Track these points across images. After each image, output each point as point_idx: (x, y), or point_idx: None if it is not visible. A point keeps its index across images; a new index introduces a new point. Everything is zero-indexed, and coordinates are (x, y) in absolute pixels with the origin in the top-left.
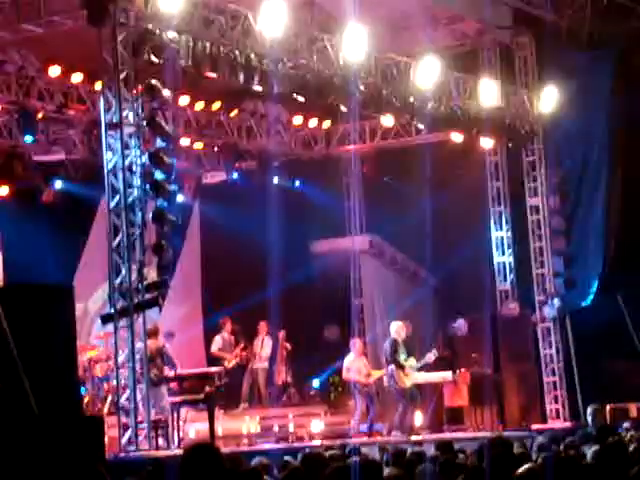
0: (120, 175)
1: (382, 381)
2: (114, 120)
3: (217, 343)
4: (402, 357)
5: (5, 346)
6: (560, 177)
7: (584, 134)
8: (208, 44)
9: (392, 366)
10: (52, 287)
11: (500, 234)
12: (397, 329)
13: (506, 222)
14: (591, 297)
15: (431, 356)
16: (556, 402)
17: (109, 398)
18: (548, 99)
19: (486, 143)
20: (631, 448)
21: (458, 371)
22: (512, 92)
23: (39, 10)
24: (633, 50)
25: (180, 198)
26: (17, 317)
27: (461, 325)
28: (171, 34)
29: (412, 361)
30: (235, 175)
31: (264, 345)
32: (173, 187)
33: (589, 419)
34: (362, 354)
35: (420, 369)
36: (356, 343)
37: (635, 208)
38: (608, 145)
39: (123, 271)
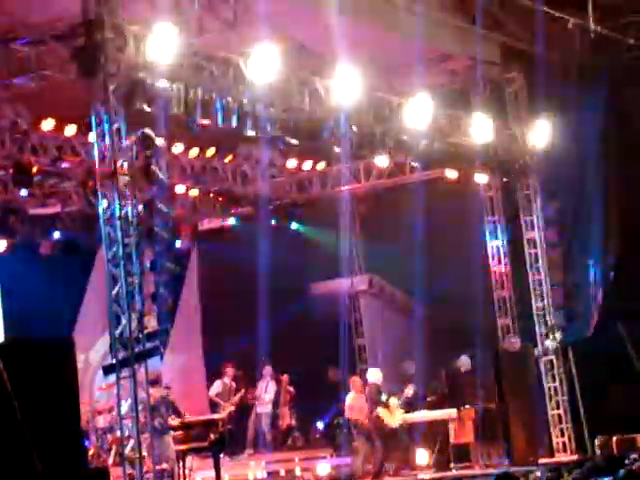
0: (117, 225)
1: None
2: (109, 170)
3: (217, 388)
4: (384, 397)
5: (6, 401)
6: (555, 210)
7: (578, 167)
8: (200, 91)
9: (378, 409)
10: (53, 340)
11: (498, 268)
12: (374, 374)
13: (504, 256)
14: (592, 328)
15: (409, 391)
16: (562, 435)
17: (114, 449)
18: (541, 133)
19: (481, 178)
20: None
21: (463, 408)
22: (504, 127)
23: (30, 64)
24: (623, 82)
25: (177, 244)
26: (18, 372)
27: (464, 361)
28: (163, 83)
29: (394, 400)
30: (231, 220)
31: (268, 389)
32: (170, 235)
33: (597, 451)
34: (361, 392)
35: (401, 405)
36: (355, 381)
37: (632, 238)
38: (602, 177)
39: (123, 321)
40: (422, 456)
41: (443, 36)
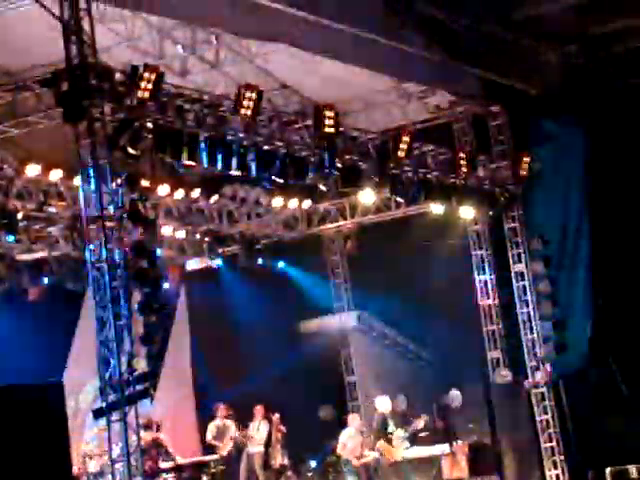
0: (104, 268)
1: (379, 460)
2: (94, 214)
3: (211, 431)
4: (390, 429)
5: None
6: (542, 242)
7: (562, 198)
8: (185, 133)
9: (380, 442)
10: (41, 385)
11: (487, 302)
12: (383, 403)
13: (492, 289)
14: (583, 360)
15: (419, 422)
16: (555, 468)
17: None
18: (524, 166)
19: (466, 212)
20: None
21: (455, 443)
22: (488, 161)
23: (14, 110)
24: (605, 114)
25: (165, 286)
26: (8, 419)
27: (455, 396)
28: (147, 125)
29: (400, 432)
30: (219, 261)
31: (260, 429)
32: (157, 276)
33: None
34: (359, 431)
35: (410, 437)
36: (355, 419)
37: (619, 268)
38: (586, 206)
39: (112, 364)
40: None
41: (426, 72)
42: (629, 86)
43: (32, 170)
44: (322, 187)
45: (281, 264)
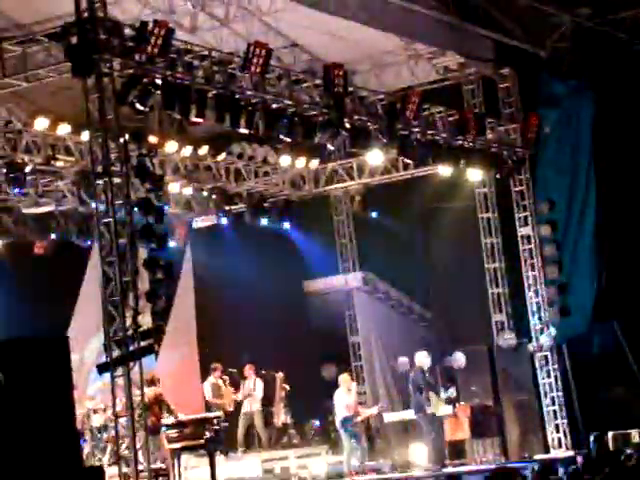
0: (110, 224)
1: (380, 417)
2: (102, 169)
3: (208, 390)
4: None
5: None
6: (549, 206)
7: (570, 162)
8: (193, 90)
9: (425, 394)
10: (46, 339)
11: (493, 265)
12: (421, 359)
13: (498, 253)
14: (587, 324)
15: (452, 392)
16: (557, 431)
17: (109, 448)
18: (533, 129)
19: (474, 175)
20: None
21: (458, 404)
22: (497, 123)
23: (24, 64)
24: (614, 78)
25: (171, 244)
26: (13, 371)
27: (458, 358)
28: (156, 81)
29: (433, 395)
30: (225, 219)
31: (256, 387)
32: (164, 232)
33: (592, 447)
34: (351, 389)
35: (447, 401)
36: (344, 379)
37: (624, 235)
38: (594, 172)
39: (117, 320)
40: (418, 451)
41: (436, 33)
42: (638, 51)
43: (40, 124)
44: (330, 147)
45: (287, 225)
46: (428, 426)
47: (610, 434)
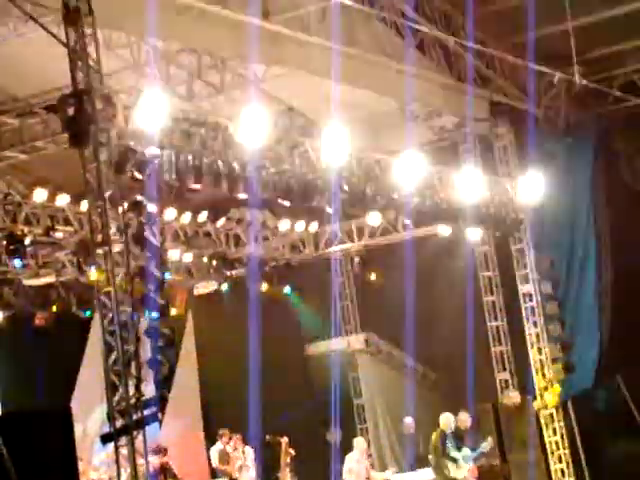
0: (111, 293)
1: None
2: (101, 238)
3: (215, 457)
4: (451, 450)
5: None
6: (549, 263)
7: (569, 218)
8: (190, 157)
9: (442, 459)
10: (49, 411)
11: (495, 323)
12: (445, 421)
13: (500, 311)
14: (591, 380)
15: (486, 445)
16: None
17: None
18: (531, 187)
19: (473, 234)
20: None
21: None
22: (494, 182)
23: (20, 136)
24: (611, 134)
25: (173, 312)
26: (16, 445)
27: (463, 418)
28: (153, 150)
29: (466, 451)
30: (225, 285)
31: (247, 456)
32: (164, 300)
33: None
34: (366, 454)
35: (476, 459)
36: (359, 442)
37: (626, 288)
38: (593, 228)
39: (120, 389)
40: None
41: (432, 94)
42: (632, 107)
43: (39, 195)
44: (328, 209)
45: (287, 289)
46: None
47: None
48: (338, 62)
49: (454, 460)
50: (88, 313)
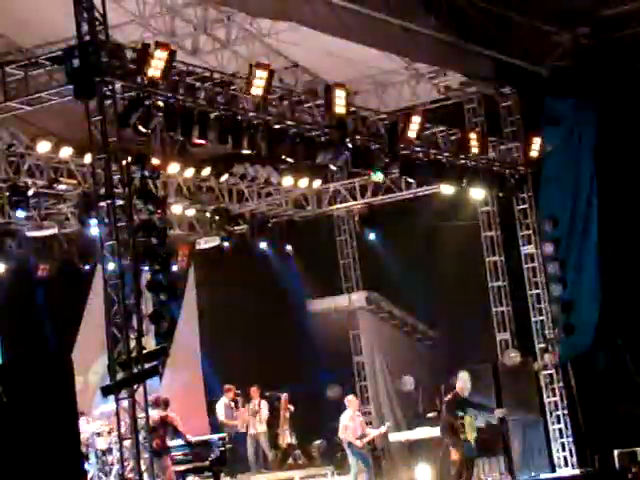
0: (113, 245)
1: (386, 437)
2: (104, 192)
3: (220, 411)
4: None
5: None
6: (552, 224)
7: (572, 180)
8: (195, 111)
9: (459, 422)
10: (50, 358)
11: (497, 283)
12: (462, 384)
13: (502, 271)
14: (591, 342)
15: (499, 414)
16: (563, 450)
17: (114, 471)
18: (535, 147)
19: (477, 194)
20: None
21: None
22: (499, 142)
23: (26, 87)
24: (615, 97)
25: (175, 266)
26: (17, 393)
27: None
28: (158, 103)
29: (472, 411)
30: (228, 241)
31: (261, 409)
32: (167, 253)
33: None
34: (358, 410)
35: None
36: (351, 400)
37: (626, 252)
38: (596, 189)
39: (121, 342)
40: (424, 472)
41: (437, 53)
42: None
43: (43, 147)
44: (332, 167)
45: (289, 247)
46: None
47: (616, 452)
48: (343, 18)
49: (469, 423)
50: (90, 266)
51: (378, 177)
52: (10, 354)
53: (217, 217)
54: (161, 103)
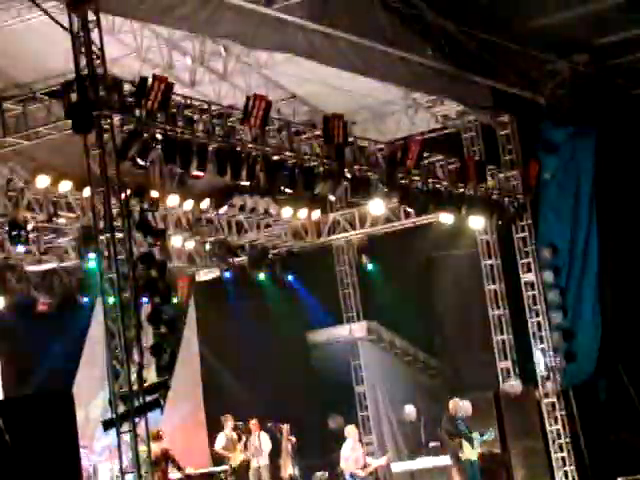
0: (113, 279)
1: (387, 467)
2: (104, 225)
3: (220, 441)
4: (465, 431)
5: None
6: (551, 252)
7: (571, 208)
8: (194, 143)
9: (456, 441)
10: (51, 395)
11: (497, 312)
12: (454, 405)
13: (502, 299)
14: (592, 369)
15: (490, 434)
16: (566, 478)
17: None
18: (533, 175)
19: (476, 222)
20: None
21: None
22: (497, 170)
23: (24, 122)
24: (613, 124)
25: (175, 299)
26: (19, 429)
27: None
28: (156, 136)
29: (476, 434)
30: (228, 272)
31: (262, 441)
32: (167, 286)
33: None
34: (359, 441)
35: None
36: (350, 430)
37: (628, 277)
38: (595, 217)
39: (122, 375)
40: None
41: (435, 82)
42: (637, 96)
43: (42, 181)
44: (331, 197)
45: (290, 277)
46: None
47: None
48: (341, 49)
49: (470, 440)
50: (90, 299)
51: (489, 436)
52: (11, 389)
53: (217, 249)
54: (159, 136)
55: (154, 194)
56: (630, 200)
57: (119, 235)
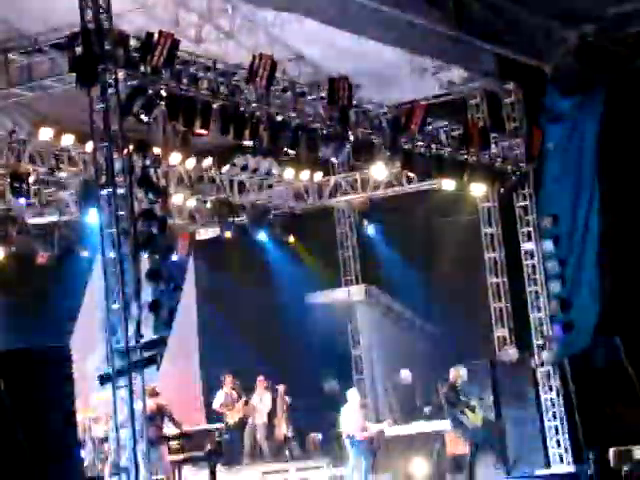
0: (113, 234)
1: (383, 432)
2: (105, 180)
3: (219, 399)
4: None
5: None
6: (552, 221)
7: (573, 177)
8: (198, 101)
9: (458, 408)
10: (48, 349)
11: (495, 280)
12: (455, 374)
13: (501, 268)
14: (589, 340)
15: (489, 398)
16: (559, 446)
17: (109, 459)
18: (537, 144)
19: (477, 189)
20: None
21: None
22: (501, 138)
23: (28, 74)
24: (619, 94)
25: (175, 257)
26: (15, 382)
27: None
28: (161, 92)
29: (475, 401)
30: (228, 232)
31: (264, 400)
32: (167, 243)
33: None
34: (359, 405)
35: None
36: (353, 394)
37: (628, 251)
38: (597, 188)
39: (120, 331)
40: (420, 466)
41: (441, 47)
42: None
43: (45, 134)
44: (334, 160)
45: (291, 238)
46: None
47: (611, 450)
48: (348, 11)
49: (471, 407)
50: (91, 253)
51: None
52: (8, 342)
53: (218, 208)
54: (164, 92)
55: (157, 151)
56: (634, 172)
57: (120, 191)
